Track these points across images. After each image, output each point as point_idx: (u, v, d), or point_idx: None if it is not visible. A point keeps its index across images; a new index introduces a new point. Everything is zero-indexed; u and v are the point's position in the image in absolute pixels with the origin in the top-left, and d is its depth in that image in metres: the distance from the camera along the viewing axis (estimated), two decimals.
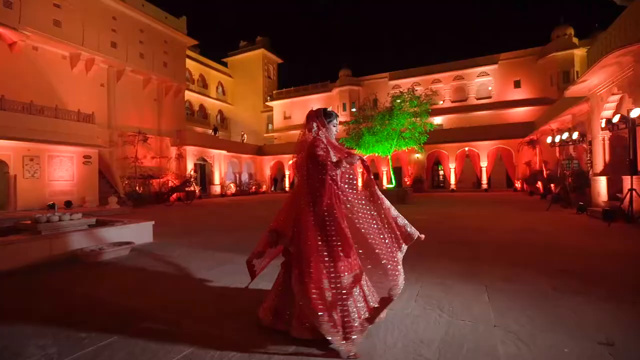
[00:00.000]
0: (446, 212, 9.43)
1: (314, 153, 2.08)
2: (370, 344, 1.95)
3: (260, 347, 1.93)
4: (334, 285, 1.91)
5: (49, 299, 2.93)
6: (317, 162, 2.06)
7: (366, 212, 2.18)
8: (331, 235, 1.96)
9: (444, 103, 27.55)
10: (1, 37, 13.29)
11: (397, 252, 2.18)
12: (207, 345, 1.98)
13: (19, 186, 11.32)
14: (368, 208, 2.20)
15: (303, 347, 1.92)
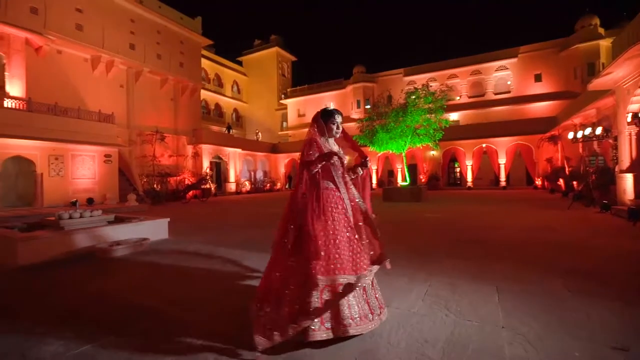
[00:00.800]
0: (460, 210, 9.25)
1: (301, 153, 2.19)
2: (373, 342, 1.95)
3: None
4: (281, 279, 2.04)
5: (66, 292, 3.07)
6: (300, 161, 2.16)
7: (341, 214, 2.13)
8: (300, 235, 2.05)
9: (460, 99, 26.90)
10: (28, 42, 13.90)
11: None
12: (212, 341, 2.03)
13: (45, 184, 11.88)
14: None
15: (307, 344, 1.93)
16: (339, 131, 2.34)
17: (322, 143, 2.24)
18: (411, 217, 8.10)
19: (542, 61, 24.19)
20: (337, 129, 2.33)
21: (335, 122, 2.31)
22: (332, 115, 2.31)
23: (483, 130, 21.76)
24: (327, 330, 1.92)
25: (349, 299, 1.99)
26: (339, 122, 2.33)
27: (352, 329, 1.92)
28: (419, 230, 6.14)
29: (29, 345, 2.04)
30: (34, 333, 2.20)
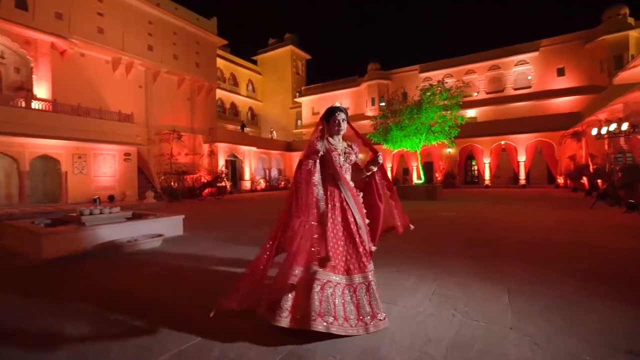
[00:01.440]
0: (476, 209, 9.05)
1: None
2: (377, 339, 1.96)
3: (267, 339, 2.01)
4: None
5: (86, 286, 3.21)
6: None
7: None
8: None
9: (478, 95, 26.23)
10: (54, 46, 14.52)
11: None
12: (219, 334, 2.09)
13: (69, 181, 12.42)
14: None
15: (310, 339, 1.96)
16: (342, 128, 2.34)
17: (323, 143, 2.27)
18: (424, 215, 8.00)
19: (565, 54, 23.24)
20: (338, 126, 2.33)
21: (337, 119, 2.32)
22: (333, 113, 2.32)
23: (502, 126, 21.15)
24: (292, 320, 1.97)
25: (333, 296, 2.00)
26: (341, 119, 2.32)
27: (319, 324, 1.90)
28: (431, 229, 6.05)
29: (48, 334, 2.15)
30: (53, 324, 2.32)
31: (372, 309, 2.06)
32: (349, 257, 2.15)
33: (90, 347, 1.98)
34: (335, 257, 2.10)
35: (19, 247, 4.79)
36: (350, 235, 2.19)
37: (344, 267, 2.12)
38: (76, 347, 1.99)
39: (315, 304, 1.95)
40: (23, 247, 4.69)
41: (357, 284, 2.10)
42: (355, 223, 2.21)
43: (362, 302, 2.07)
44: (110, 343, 2.02)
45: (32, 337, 2.13)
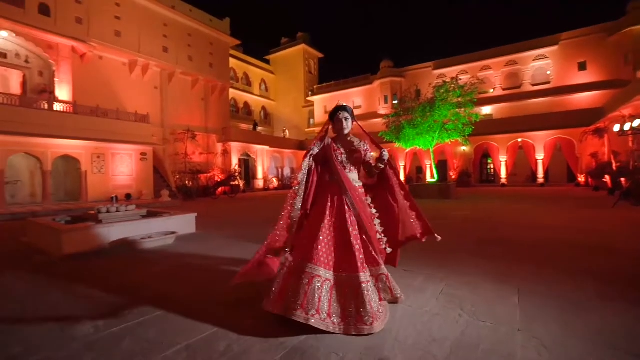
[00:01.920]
0: (490, 208, 8.86)
1: None
2: (380, 338, 1.96)
3: (273, 335, 2.04)
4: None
5: (102, 280, 3.33)
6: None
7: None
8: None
9: (494, 91, 25.61)
10: (74, 50, 15.04)
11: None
12: (226, 329, 2.13)
13: (88, 180, 12.87)
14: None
15: (313, 335, 1.98)
16: (344, 126, 2.38)
17: (321, 143, 2.35)
18: (436, 214, 7.88)
19: (587, 48, 22.39)
20: (340, 124, 2.37)
21: (339, 118, 2.35)
22: (336, 112, 2.36)
23: (519, 123, 20.59)
24: (278, 306, 2.12)
25: (319, 291, 2.05)
26: (343, 117, 2.36)
27: (299, 316, 1.98)
28: (442, 228, 5.95)
29: (64, 325, 2.25)
30: (70, 316, 2.42)
31: (358, 313, 2.03)
32: (340, 255, 2.17)
33: (103, 338, 2.06)
34: (327, 253, 2.15)
35: (42, 243, 5.00)
36: (344, 234, 2.20)
37: (335, 264, 2.16)
38: (90, 337, 2.08)
39: (300, 295, 2.02)
40: (45, 243, 4.90)
41: (349, 284, 2.11)
42: (353, 222, 2.23)
43: (348, 303, 2.06)
44: (122, 335, 2.10)
45: (50, 326, 2.23)
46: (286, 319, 2.06)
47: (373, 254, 2.32)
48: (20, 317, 2.44)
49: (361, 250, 2.19)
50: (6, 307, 2.66)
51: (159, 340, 2.02)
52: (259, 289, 2.75)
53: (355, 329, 2.00)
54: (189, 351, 1.88)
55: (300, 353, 1.82)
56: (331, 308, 2.05)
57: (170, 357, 1.82)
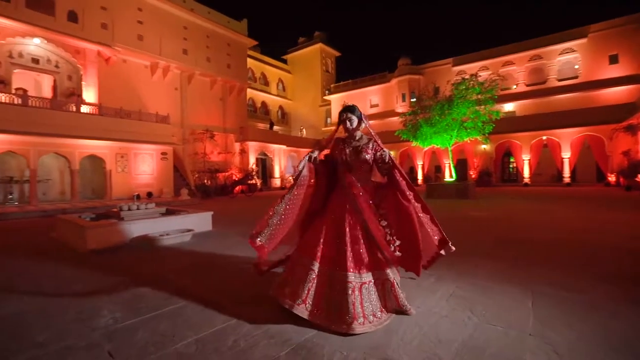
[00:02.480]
0: (510, 209, 8.58)
1: None
2: (386, 338, 1.96)
3: (279, 331, 2.08)
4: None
5: (122, 274, 3.48)
6: None
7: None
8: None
9: (517, 87, 24.72)
10: (100, 54, 15.71)
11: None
12: (235, 324, 2.19)
13: (113, 179, 13.44)
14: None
15: (319, 333, 2.00)
16: (348, 126, 2.45)
17: (337, 142, 2.47)
18: (453, 214, 7.72)
19: (618, 40, 21.20)
20: (344, 124, 2.44)
21: (343, 119, 2.41)
22: (340, 113, 2.41)
23: (543, 120, 19.80)
24: (276, 294, 2.36)
25: (310, 283, 2.20)
26: (347, 118, 2.41)
27: (285, 304, 2.21)
28: (458, 228, 5.84)
29: (86, 316, 2.38)
30: (91, 307, 2.56)
31: (340, 310, 2.07)
32: (335, 253, 2.25)
33: (120, 329, 2.17)
34: (323, 250, 2.27)
35: (69, 238, 5.28)
36: (340, 232, 2.26)
37: (330, 261, 2.24)
38: (109, 327, 2.20)
39: (293, 285, 2.25)
40: (72, 238, 5.17)
41: (337, 281, 2.17)
42: (351, 223, 2.27)
43: (335, 301, 2.13)
44: (138, 326, 2.20)
45: (73, 316, 2.36)
46: (297, 317, 2.15)
47: (379, 256, 2.29)
48: (46, 307, 2.59)
49: (353, 251, 2.22)
50: (34, 298, 2.84)
51: (171, 332, 2.10)
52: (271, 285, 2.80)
53: (335, 325, 2.05)
54: (198, 344, 1.95)
55: (305, 350, 1.85)
56: (320, 302, 2.16)
57: (180, 350, 1.89)
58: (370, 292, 2.20)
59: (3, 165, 11.56)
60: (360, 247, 2.24)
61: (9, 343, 2.03)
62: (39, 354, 1.89)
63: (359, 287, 2.15)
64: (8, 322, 2.34)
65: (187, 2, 19.73)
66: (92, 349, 1.94)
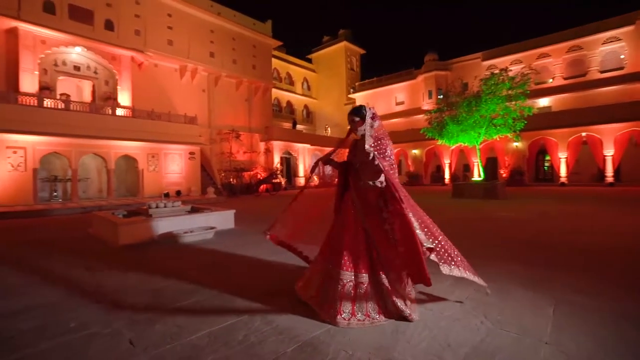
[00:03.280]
0: (542, 210, 8.12)
1: None
2: (393, 339, 1.94)
3: (289, 327, 2.13)
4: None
5: (147, 269, 3.68)
6: None
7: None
8: None
9: (553, 81, 23.29)
10: (133, 60, 16.61)
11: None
12: (247, 320, 2.27)
13: (144, 178, 14.19)
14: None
15: (326, 332, 2.03)
16: (352, 128, 2.49)
17: (352, 144, 2.61)
18: (478, 215, 7.44)
19: None
20: (351, 127, 2.50)
21: (349, 121, 2.47)
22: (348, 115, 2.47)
23: (583, 116, 18.50)
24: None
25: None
26: (350, 120, 2.47)
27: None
28: (482, 230, 5.63)
29: (112, 307, 2.55)
30: (117, 299, 2.74)
31: (329, 305, 2.24)
32: (335, 250, 2.37)
33: (141, 320, 2.32)
34: (326, 246, 2.48)
35: (103, 234, 5.64)
36: (340, 232, 2.39)
37: (328, 256, 2.43)
38: (131, 318, 2.36)
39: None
40: (105, 234, 5.52)
41: (332, 276, 2.32)
42: (352, 224, 2.35)
43: (327, 293, 2.30)
44: (157, 318, 2.34)
45: (101, 305, 2.54)
46: (306, 314, 2.29)
47: (377, 259, 2.31)
48: (77, 297, 2.81)
49: (351, 251, 2.29)
50: (67, 288, 3.08)
51: (186, 325, 2.21)
52: (285, 283, 2.86)
53: (323, 314, 2.24)
54: (210, 337, 2.04)
55: (311, 348, 1.88)
56: (319, 291, 2.40)
57: (194, 342, 1.99)
58: (365, 293, 2.22)
59: (49, 165, 12.54)
60: (359, 249, 2.26)
61: (45, 329, 2.22)
62: (70, 339, 2.07)
63: (353, 285, 2.22)
64: (44, 309, 2.55)
65: (214, 7, 20.37)
66: (115, 336, 2.09)
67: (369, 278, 2.26)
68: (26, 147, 11.20)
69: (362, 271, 2.25)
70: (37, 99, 12.01)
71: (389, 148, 2.36)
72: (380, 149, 2.34)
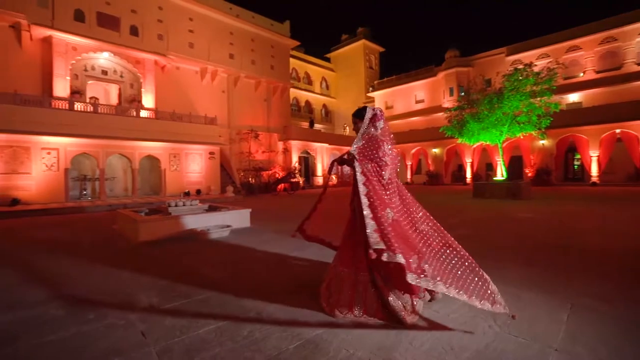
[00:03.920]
0: (568, 211, 7.74)
1: None
2: (395, 339, 1.93)
3: (293, 325, 2.16)
4: None
5: (164, 265, 3.83)
6: None
7: None
8: None
9: (584, 75, 22.10)
10: (156, 63, 17.23)
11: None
12: (254, 316, 2.32)
13: (167, 177, 14.71)
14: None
15: (329, 330, 2.04)
16: (357, 129, 2.47)
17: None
18: (497, 216, 7.20)
19: None
20: (354, 128, 2.52)
21: (353, 124, 2.53)
22: None
23: (618, 111, 17.41)
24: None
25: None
26: (353, 122, 2.51)
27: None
28: (499, 231, 5.45)
29: (128, 299, 2.68)
30: (133, 292, 2.87)
31: (334, 297, 2.32)
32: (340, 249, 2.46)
33: (154, 312, 2.43)
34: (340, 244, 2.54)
35: (125, 231, 5.91)
36: (345, 232, 2.47)
37: (341, 258, 2.43)
38: (145, 310, 2.48)
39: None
40: (128, 231, 5.78)
41: (337, 272, 2.40)
42: (353, 223, 2.40)
43: (331, 286, 2.40)
44: (169, 312, 2.44)
45: (118, 298, 2.68)
46: (313, 312, 2.34)
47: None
48: (97, 290, 2.97)
49: (351, 250, 2.35)
50: (89, 281, 3.26)
51: (197, 319, 2.30)
52: (293, 280, 2.90)
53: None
54: (217, 332, 2.11)
55: (313, 345, 1.90)
56: (327, 286, 2.48)
57: (201, 335, 2.07)
58: (364, 291, 2.24)
59: (79, 165, 13.25)
60: (359, 247, 2.28)
61: (67, 318, 2.37)
62: (89, 328, 2.21)
63: (353, 283, 2.26)
64: (65, 301, 2.72)
65: (233, 9, 20.76)
66: (128, 328, 2.20)
67: (368, 277, 2.26)
68: (59, 148, 11.88)
69: (361, 269, 2.27)
70: (68, 102, 12.71)
71: (380, 150, 2.31)
72: (369, 150, 2.34)
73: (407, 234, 2.20)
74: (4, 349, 1.98)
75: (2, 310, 2.54)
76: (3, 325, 2.29)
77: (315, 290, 2.64)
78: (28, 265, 3.93)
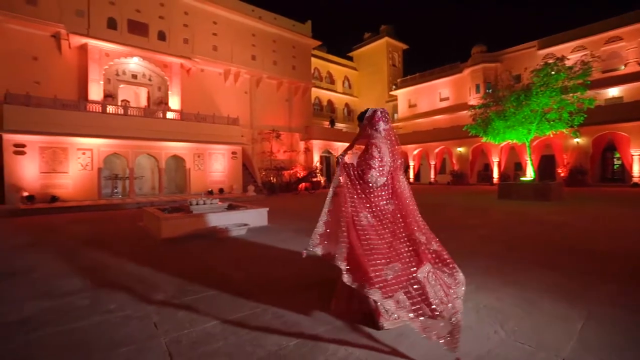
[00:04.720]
0: (602, 214, 7.27)
1: None
2: (395, 342, 1.94)
3: (297, 323, 2.20)
4: None
5: (182, 261, 4.01)
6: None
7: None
8: None
9: (625, 67, 20.59)
10: (182, 66, 17.89)
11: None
12: (259, 314, 2.39)
13: (191, 176, 15.26)
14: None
15: (331, 329, 2.07)
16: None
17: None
18: (522, 218, 6.89)
19: None
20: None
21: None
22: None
23: None
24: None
25: None
26: (359, 125, 2.58)
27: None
28: (523, 234, 5.22)
29: (145, 293, 2.84)
30: (151, 286, 3.04)
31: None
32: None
33: (168, 306, 2.57)
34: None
35: (150, 228, 6.21)
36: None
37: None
38: (160, 303, 2.63)
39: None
40: (151, 227, 6.08)
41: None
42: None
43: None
44: (181, 306, 2.58)
45: (137, 291, 2.85)
46: (316, 311, 2.37)
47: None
48: (117, 284, 3.16)
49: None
50: (111, 275, 3.47)
51: (206, 313, 2.42)
52: (302, 280, 2.95)
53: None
54: (223, 326, 2.21)
55: (309, 346, 1.94)
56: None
57: (208, 329, 2.17)
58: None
59: (110, 164, 14.03)
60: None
61: (90, 308, 2.56)
62: (109, 317, 2.38)
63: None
64: (89, 293, 2.92)
65: (256, 11, 21.13)
66: (143, 319, 2.34)
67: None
68: (92, 149, 12.65)
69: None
70: (101, 105, 13.49)
71: (367, 153, 2.33)
72: (367, 152, 2.38)
73: (381, 246, 2.09)
74: (36, 332, 2.18)
75: (43, 298, 2.79)
76: (42, 312, 2.51)
77: (323, 289, 2.67)
78: (67, 258, 4.24)
